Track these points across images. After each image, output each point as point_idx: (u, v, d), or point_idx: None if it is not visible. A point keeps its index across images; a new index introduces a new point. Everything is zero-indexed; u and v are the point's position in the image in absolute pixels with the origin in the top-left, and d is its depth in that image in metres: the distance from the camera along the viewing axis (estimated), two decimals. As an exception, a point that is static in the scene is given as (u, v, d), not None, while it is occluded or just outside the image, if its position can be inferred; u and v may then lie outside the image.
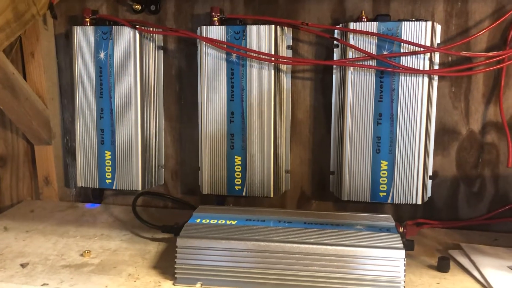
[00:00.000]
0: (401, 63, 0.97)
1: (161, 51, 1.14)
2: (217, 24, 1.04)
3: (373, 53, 0.97)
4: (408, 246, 0.86)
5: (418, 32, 0.96)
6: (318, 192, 1.14)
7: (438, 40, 0.99)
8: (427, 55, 0.97)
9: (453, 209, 1.09)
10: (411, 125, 0.98)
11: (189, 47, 1.13)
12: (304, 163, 1.13)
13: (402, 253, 0.77)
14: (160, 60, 1.14)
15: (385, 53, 0.97)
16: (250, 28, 1.02)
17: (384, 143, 1.00)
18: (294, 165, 1.13)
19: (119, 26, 1.07)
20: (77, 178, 1.14)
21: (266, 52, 1.02)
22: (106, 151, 1.11)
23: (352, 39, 0.98)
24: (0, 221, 1.09)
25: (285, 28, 1.06)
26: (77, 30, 1.09)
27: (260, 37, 1.02)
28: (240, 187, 1.08)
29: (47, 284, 0.81)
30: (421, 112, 0.98)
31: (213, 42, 1.03)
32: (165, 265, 0.88)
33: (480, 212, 1.07)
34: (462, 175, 1.07)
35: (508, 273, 0.84)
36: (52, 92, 1.20)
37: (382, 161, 1.01)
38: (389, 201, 1.01)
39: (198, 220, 0.89)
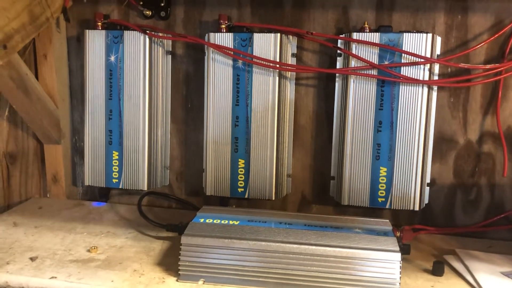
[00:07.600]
0: (401, 73, 1.00)
1: (170, 56, 1.18)
2: (224, 31, 1.08)
3: (375, 62, 1.00)
4: (404, 250, 0.89)
5: (419, 43, 0.99)
6: (319, 196, 1.17)
7: (438, 51, 1.03)
8: (427, 66, 1.00)
9: (449, 216, 1.11)
10: (410, 133, 1.01)
11: (196, 53, 1.17)
12: (305, 168, 1.16)
13: (398, 255, 0.80)
14: (168, 64, 1.18)
15: (386, 63, 1.00)
16: (257, 36, 1.05)
17: (383, 150, 1.03)
18: (295, 170, 1.16)
19: (130, 31, 1.11)
20: (84, 177, 1.17)
21: (271, 59, 1.05)
22: (113, 152, 1.15)
23: (354, 48, 1.02)
24: (9, 216, 1.13)
25: (290, 36, 1.09)
26: (89, 34, 1.13)
27: (266, 44, 1.05)
28: (243, 189, 1.11)
29: (55, 277, 0.85)
30: (420, 120, 1.01)
31: (220, 49, 1.07)
32: (169, 262, 0.91)
33: (476, 219, 1.10)
34: (459, 183, 1.10)
35: (500, 278, 0.87)
36: (63, 93, 1.23)
37: (381, 168, 1.04)
38: (387, 206, 1.04)
39: (202, 220, 0.92)
